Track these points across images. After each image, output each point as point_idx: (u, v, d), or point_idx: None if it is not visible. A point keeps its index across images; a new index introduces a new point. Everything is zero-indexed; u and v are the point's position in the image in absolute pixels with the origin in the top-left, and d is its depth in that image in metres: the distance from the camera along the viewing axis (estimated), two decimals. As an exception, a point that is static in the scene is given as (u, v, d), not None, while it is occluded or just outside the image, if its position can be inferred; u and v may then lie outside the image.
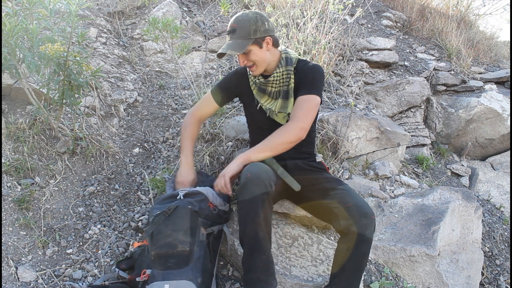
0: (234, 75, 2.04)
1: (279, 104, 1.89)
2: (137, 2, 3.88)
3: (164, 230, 1.68)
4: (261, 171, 1.62)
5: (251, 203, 1.57)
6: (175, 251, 1.65)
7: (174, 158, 2.59)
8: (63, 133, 2.31)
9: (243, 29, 1.77)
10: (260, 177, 1.59)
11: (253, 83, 1.94)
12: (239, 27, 1.77)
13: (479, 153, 3.90)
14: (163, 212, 1.72)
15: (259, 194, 1.57)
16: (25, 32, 1.89)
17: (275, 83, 1.89)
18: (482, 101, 3.74)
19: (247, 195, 1.58)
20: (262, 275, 1.60)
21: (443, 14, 4.96)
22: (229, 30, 1.80)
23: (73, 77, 2.02)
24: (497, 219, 3.22)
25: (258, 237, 1.58)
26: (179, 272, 1.61)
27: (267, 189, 1.58)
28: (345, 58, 3.58)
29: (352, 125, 2.75)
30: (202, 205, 1.80)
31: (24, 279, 1.72)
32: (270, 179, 1.63)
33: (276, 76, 1.87)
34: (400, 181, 2.79)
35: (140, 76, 3.35)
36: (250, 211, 1.58)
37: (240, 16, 1.80)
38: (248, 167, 1.66)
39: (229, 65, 3.42)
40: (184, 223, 1.70)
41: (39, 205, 2.06)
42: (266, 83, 1.90)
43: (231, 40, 1.79)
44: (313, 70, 1.85)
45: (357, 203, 1.66)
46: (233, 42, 1.77)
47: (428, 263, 2.19)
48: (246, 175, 1.61)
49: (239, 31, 1.77)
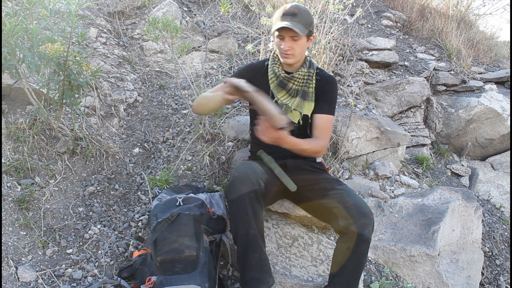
0: (249, 67, 2.02)
1: (297, 102, 1.90)
2: (137, 2, 3.88)
3: (168, 237, 1.68)
4: (249, 170, 1.64)
5: (239, 201, 1.59)
6: (182, 256, 1.65)
7: (174, 158, 2.59)
8: (63, 133, 2.31)
9: (303, 17, 1.78)
10: (247, 176, 1.61)
11: (274, 77, 1.92)
12: (300, 13, 1.78)
13: (479, 153, 3.90)
14: (166, 219, 1.72)
15: (246, 192, 1.58)
16: (25, 32, 1.89)
17: (297, 81, 1.90)
18: (482, 101, 3.74)
19: (235, 193, 1.60)
20: (256, 273, 1.62)
21: (443, 14, 4.95)
22: (288, 12, 1.77)
23: (73, 77, 2.01)
24: (497, 219, 3.22)
25: (249, 235, 1.59)
26: (188, 277, 1.61)
27: (254, 187, 1.59)
28: (345, 58, 3.58)
29: (352, 125, 2.75)
30: (202, 210, 1.80)
31: (24, 279, 1.72)
32: (258, 177, 1.64)
33: (300, 74, 1.90)
34: (400, 181, 2.79)
35: (140, 76, 3.35)
36: (239, 210, 1.59)
37: (299, 5, 1.81)
38: (237, 166, 1.70)
39: (229, 65, 3.42)
40: (188, 229, 1.71)
41: (39, 205, 2.06)
42: (289, 79, 1.89)
43: (290, 22, 1.75)
44: (333, 86, 1.95)
45: (356, 202, 1.66)
46: (295, 24, 1.75)
47: (428, 263, 2.19)
48: (234, 174, 1.64)
49: (300, 17, 1.77)
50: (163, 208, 1.81)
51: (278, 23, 1.78)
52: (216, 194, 2.03)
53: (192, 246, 1.67)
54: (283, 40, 1.81)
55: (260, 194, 1.62)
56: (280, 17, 1.80)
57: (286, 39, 1.80)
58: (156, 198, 2.01)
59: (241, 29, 3.82)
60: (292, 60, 1.85)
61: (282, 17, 1.79)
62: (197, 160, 2.49)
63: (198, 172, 2.45)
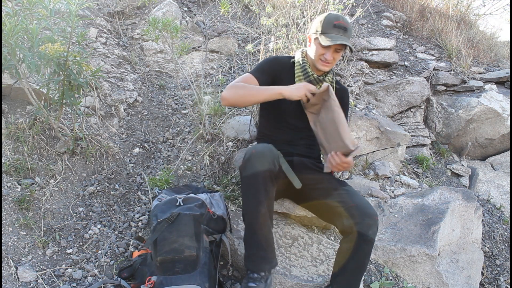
0: (275, 61, 2.00)
1: None
2: (137, 2, 3.88)
3: (168, 237, 1.68)
4: (267, 149, 1.63)
5: (254, 178, 1.58)
6: (182, 256, 1.65)
7: (174, 158, 2.59)
8: (63, 133, 2.31)
9: (350, 32, 1.85)
10: (264, 154, 1.60)
11: (303, 74, 1.91)
12: (349, 29, 1.83)
13: (479, 153, 3.90)
14: (166, 219, 1.71)
15: (261, 170, 1.57)
16: (25, 32, 1.89)
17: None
18: (482, 101, 3.74)
19: (250, 170, 1.58)
20: (261, 251, 1.61)
21: (443, 14, 4.95)
22: (340, 26, 1.80)
23: (73, 77, 2.01)
24: (497, 219, 3.22)
25: (260, 213, 1.58)
26: (188, 277, 1.61)
27: (270, 166, 1.59)
28: (345, 58, 3.58)
29: (352, 125, 2.75)
30: (202, 210, 1.80)
31: (24, 279, 1.72)
32: (275, 158, 1.63)
33: (328, 79, 1.94)
34: (400, 181, 2.79)
35: (140, 76, 3.35)
36: (252, 187, 1.59)
37: (346, 18, 1.84)
38: (254, 145, 1.68)
39: (229, 65, 3.42)
40: (188, 229, 1.70)
41: (39, 205, 2.06)
42: (319, 81, 1.92)
43: (343, 36, 1.80)
44: (348, 98, 2.07)
45: (361, 203, 1.67)
46: (347, 40, 1.81)
47: (428, 263, 2.19)
48: (251, 151, 1.62)
49: (349, 33, 1.84)
50: (163, 208, 1.81)
51: (331, 35, 1.79)
52: (216, 194, 2.03)
53: (192, 246, 1.67)
54: (327, 49, 1.82)
55: (274, 175, 1.62)
56: (331, 27, 1.80)
57: (331, 50, 1.82)
58: (156, 198, 2.01)
59: (241, 29, 3.82)
60: (329, 69, 1.90)
61: (334, 28, 1.79)
62: (197, 160, 2.49)
63: (198, 172, 2.45)
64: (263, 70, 1.92)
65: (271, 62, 1.97)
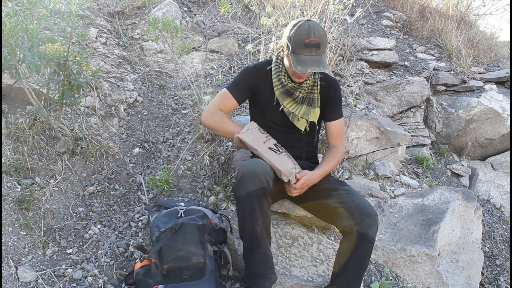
0: (253, 72, 1.93)
1: (303, 109, 1.89)
2: (137, 2, 3.88)
3: (174, 245, 1.67)
4: (258, 167, 1.63)
5: (247, 198, 1.59)
6: (189, 263, 1.65)
7: (174, 158, 2.59)
8: (63, 133, 2.31)
9: (324, 45, 1.72)
10: (256, 173, 1.60)
11: (280, 85, 1.87)
12: (323, 43, 1.70)
13: (479, 153, 3.90)
14: (170, 228, 1.71)
15: (254, 189, 1.58)
16: (25, 32, 1.89)
17: (304, 90, 1.88)
18: (482, 101, 3.74)
19: (243, 190, 1.59)
20: (260, 269, 1.64)
21: (443, 14, 4.95)
22: (312, 44, 1.67)
23: (73, 77, 2.01)
24: (497, 219, 3.22)
25: (256, 232, 1.60)
26: (196, 283, 1.61)
27: (263, 184, 1.59)
28: (345, 58, 3.58)
29: (352, 125, 2.75)
30: (205, 221, 1.80)
31: (24, 279, 1.72)
32: (267, 174, 1.63)
33: (308, 83, 1.88)
34: (400, 181, 2.79)
35: (140, 76, 3.35)
36: (246, 207, 1.60)
37: (320, 30, 1.70)
38: (245, 163, 1.68)
39: (229, 65, 3.42)
40: (194, 237, 1.70)
41: (39, 205, 2.06)
42: (296, 88, 1.86)
43: (316, 55, 1.70)
44: (338, 89, 1.97)
45: (361, 203, 1.67)
46: (319, 59, 1.71)
47: (428, 263, 2.19)
48: (242, 170, 1.63)
49: (323, 48, 1.71)
50: (164, 219, 1.80)
51: (302, 57, 1.68)
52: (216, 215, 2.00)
53: (199, 253, 1.67)
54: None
55: (269, 191, 1.62)
56: (302, 47, 1.68)
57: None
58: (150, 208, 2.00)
59: (241, 29, 3.82)
60: (303, 80, 1.85)
61: (305, 48, 1.68)
62: (197, 160, 2.49)
63: (198, 172, 2.45)
64: (241, 85, 1.92)
65: (249, 75, 1.92)
